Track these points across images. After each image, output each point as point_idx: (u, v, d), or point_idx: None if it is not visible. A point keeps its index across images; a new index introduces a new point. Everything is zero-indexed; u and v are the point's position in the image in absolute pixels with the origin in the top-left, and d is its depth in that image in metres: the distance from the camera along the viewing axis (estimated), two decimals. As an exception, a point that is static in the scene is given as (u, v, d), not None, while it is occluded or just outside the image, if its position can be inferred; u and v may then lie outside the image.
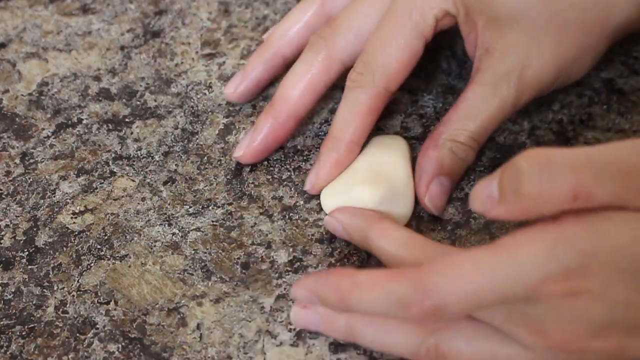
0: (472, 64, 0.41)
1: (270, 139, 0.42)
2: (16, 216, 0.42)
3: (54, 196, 0.43)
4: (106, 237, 0.41)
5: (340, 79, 0.43)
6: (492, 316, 0.31)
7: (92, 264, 0.40)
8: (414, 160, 0.42)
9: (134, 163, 0.44)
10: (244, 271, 0.39)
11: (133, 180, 0.43)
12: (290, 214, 0.41)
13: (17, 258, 0.40)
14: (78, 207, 0.42)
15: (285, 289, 0.38)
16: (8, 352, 0.37)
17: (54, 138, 0.45)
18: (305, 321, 0.36)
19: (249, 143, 0.43)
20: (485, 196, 0.31)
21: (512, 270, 0.29)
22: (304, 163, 0.43)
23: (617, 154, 0.29)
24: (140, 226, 0.41)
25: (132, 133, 0.45)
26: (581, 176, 0.28)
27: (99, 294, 0.39)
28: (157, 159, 0.44)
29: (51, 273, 0.39)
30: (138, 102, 0.47)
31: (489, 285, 0.29)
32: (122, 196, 0.42)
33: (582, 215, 0.29)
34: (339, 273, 0.33)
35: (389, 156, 0.41)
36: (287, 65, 0.44)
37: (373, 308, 0.31)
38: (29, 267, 0.40)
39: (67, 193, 0.43)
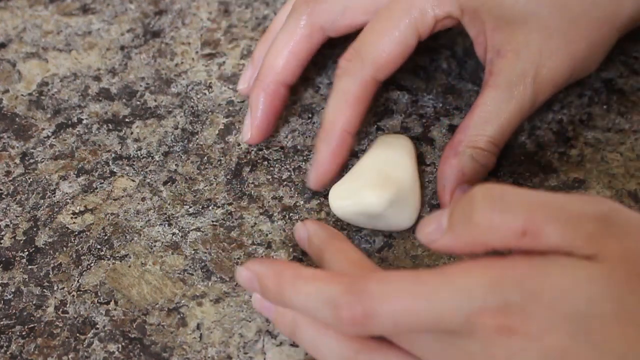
0: (472, 64, 0.41)
1: (269, 112, 0.43)
2: (16, 216, 0.42)
3: (54, 196, 0.43)
4: (106, 237, 0.41)
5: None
6: (424, 347, 0.30)
7: (92, 264, 0.40)
8: (418, 159, 0.42)
9: (134, 163, 0.44)
10: (244, 271, 0.39)
11: (133, 180, 0.43)
12: (290, 214, 0.41)
13: (17, 258, 0.40)
14: (78, 207, 0.42)
15: (285, 289, 0.38)
16: (8, 352, 0.37)
17: (54, 138, 0.45)
18: (261, 306, 0.35)
19: (251, 123, 0.43)
20: (433, 226, 0.30)
21: (452, 295, 0.28)
22: (304, 163, 0.43)
23: (570, 201, 0.29)
24: (140, 226, 0.41)
25: (132, 133, 0.45)
26: (533, 213, 0.28)
27: (99, 294, 0.39)
28: (157, 159, 0.44)
29: (51, 273, 0.39)
30: (138, 102, 0.47)
31: (426, 305, 0.28)
32: (122, 196, 0.42)
33: (531, 257, 0.28)
34: (285, 263, 0.32)
35: (396, 156, 0.41)
36: None
37: (304, 303, 0.30)
38: (29, 267, 0.40)
39: (67, 193, 0.43)
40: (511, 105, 0.39)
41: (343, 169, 0.42)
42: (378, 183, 0.39)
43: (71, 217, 0.42)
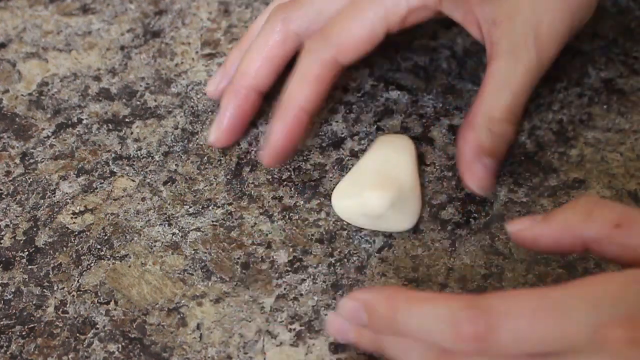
0: (472, 64, 0.41)
1: (238, 117, 0.43)
2: (16, 216, 0.42)
3: (54, 196, 0.42)
4: (106, 237, 0.41)
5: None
6: None
7: (92, 264, 0.40)
8: (418, 159, 0.42)
9: (134, 163, 0.44)
10: (244, 271, 0.39)
11: (133, 180, 0.43)
12: (290, 214, 0.41)
13: (17, 258, 0.40)
14: (78, 207, 0.42)
15: (285, 289, 0.38)
16: (8, 352, 0.37)
17: (54, 138, 0.45)
18: (338, 328, 0.33)
19: (218, 126, 0.43)
20: (528, 221, 0.31)
21: (579, 307, 0.27)
22: (304, 163, 0.43)
23: None
24: (140, 226, 0.41)
25: (132, 133, 0.45)
26: (628, 209, 0.29)
27: (99, 294, 0.38)
28: (157, 159, 0.44)
29: (51, 273, 0.39)
30: (138, 102, 0.47)
31: (552, 320, 0.27)
32: (122, 196, 0.42)
33: None
34: (395, 287, 0.31)
35: (396, 156, 0.41)
36: None
37: (421, 325, 0.29)
38: (29, 267, 0.40)
39: (67, 193, 0.43)
40: (519, 70, 0.38)
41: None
42: (380, 183, 0.39)
43: (71, 217, 0.42)
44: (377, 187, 0.39)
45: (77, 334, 0.37)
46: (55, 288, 0.39)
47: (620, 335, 0.26)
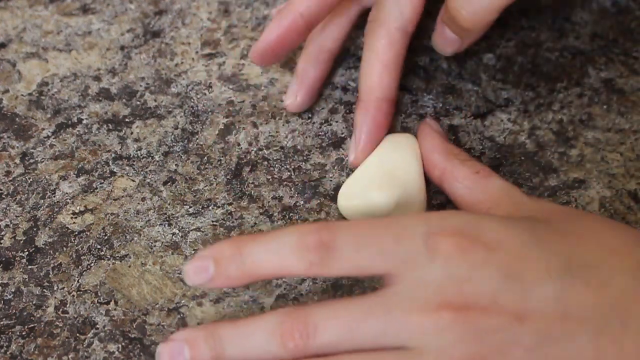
0: (472, 64, 0.41)
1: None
2: (16, 216, 0.42)
3: (54, 196, 0.43)
4: (106, 237, 0.41)
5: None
6: None
7: (92, 264, 0.40)
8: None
9: (134, 163, 0.44)
10: (244, 271, 0.39)
11: (133, 180, 0.43)
12: (290, 214, 0.41)
13: (17, 258, 0.40)
14: (78, 207, 0.42)
15: (285, 289, 0.38)
16: (8, 352, 0.37)
17: (54, 138, 0.45)
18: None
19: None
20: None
21: (411, 220, 0.32)
22: (303, 163, 0.43)
23: None
24: (140, 226, 0.41)
25: (132, 133, 0.45)
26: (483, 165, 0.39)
27: (99, 294, 0.39)
28: (157, 159, 0.44)
29: (51, 273, 0.39)
30: (138, 102, 0.47)
31: (391, 230, 0.31)
32: (122, 196, 0.42)
33: None
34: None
35: (401, 156, 0.41)
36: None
37: (268, 252, 0.31)
38: (29, 267, 0.40)
39: (67, 193, 0.43)
40: None
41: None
42: (386, 183, 0.39)
43: (71, 217, 0.42)
44: (384, 186, 0.39)
45: (77, 334, 0.37)
46: (55, 288, 0.39)
47: (449, 242, 0.30)
